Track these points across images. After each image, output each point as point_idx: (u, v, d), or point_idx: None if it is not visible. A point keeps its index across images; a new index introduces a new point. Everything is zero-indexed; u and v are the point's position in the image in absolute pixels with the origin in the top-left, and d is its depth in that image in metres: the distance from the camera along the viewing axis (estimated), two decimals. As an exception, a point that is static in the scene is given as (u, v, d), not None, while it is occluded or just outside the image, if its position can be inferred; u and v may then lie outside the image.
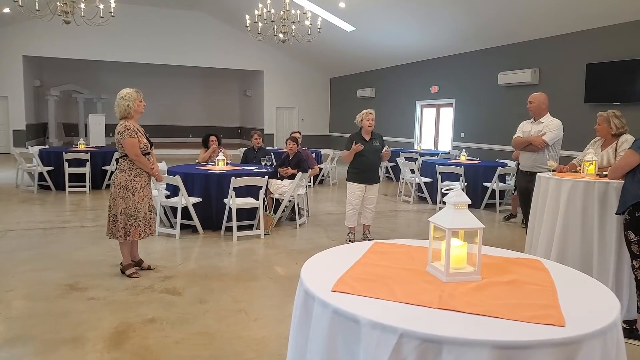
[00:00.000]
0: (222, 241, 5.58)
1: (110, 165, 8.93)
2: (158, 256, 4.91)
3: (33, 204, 7.63)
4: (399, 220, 7.24)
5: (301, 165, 6.53)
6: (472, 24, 10.34)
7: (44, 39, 15.37)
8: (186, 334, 3.18)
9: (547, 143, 4.60)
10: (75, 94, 19.45)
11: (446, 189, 1.67)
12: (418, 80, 13.80)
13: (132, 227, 4.14)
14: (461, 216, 1.60)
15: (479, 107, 11.57)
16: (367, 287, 1.54)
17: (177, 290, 3.99)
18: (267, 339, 3.17)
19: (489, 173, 7.93)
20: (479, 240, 1.63)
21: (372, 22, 12.20)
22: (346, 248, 2.04)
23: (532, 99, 4.80)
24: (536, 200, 4.15)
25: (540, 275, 1.74)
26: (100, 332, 3.16)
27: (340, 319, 1.38)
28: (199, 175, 5.97)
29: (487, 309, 1.42)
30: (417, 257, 1.87)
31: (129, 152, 4.10)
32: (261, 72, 18.52)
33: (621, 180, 3.41)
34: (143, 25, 16.39)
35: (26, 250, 5.05)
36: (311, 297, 1.50)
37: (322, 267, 1.78)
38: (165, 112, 20.82)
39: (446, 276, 1.62)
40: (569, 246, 3.79)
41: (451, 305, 1.44)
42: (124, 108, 4.14)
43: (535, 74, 9.72)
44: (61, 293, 3.85)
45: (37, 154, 8.65)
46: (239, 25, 16.00)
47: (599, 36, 8.49)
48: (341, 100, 18.64)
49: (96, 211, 7.13)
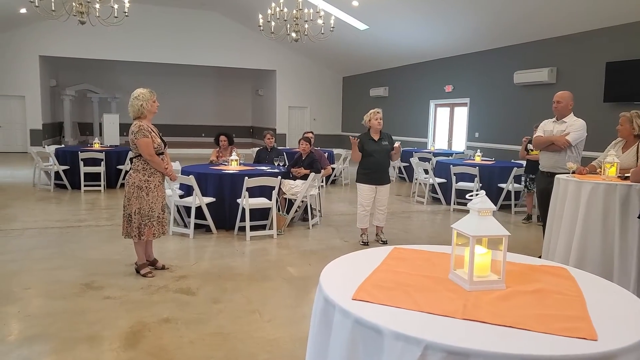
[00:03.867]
0: (236, 241, 5.57)
1: (125, 165, 9.00)
2: (172, 256, 4.92)
3: (50, 203, 7.71)
4: (412, 221, 7.17)
5: (314, 166, 6.50)
6: (487, 22, 10.21)
7: (60, 39, 15.55)
8: (200, 334, 3.18)
9: (571, 143, 4.45)
10: (90, 93, 19.68)
11: (469, 195, 1.62)
12: (432, 79, 13.68)
13: (146, 227, 4.16)
14: (486, 223, 1.55)
15: (494, 107, 11.43)
16: (389, 295, 1.50)
17: (191, 290, 3.99)
18: (281, 340, 3.15)
19: (505, 174, 7.82)
20: (503, 248, 1.58)
21: (386, 20, 12.12)
22: (365, 253, 2.00)
23: (560, 98, 4.62)
24: (555, 203, 4.07)
25: (566, 284, 1.69)
26: (116, 331, 3.17)
27: (361, 329, 1.34)
28: (213, 175, 5.97)
29: (514, 320, 1.37)
30: (438, 263, 1.83)
31: (143, 152, 4.11)
32: (273, 71, 18.52)
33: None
34: (156, 25, 16.50)
35: (43, 248, 5.11)
36: (331, 305, 1.47)
37: (341, 273, 1.75)
38: (178, 111, 20.93)
39: (469, 285, 1.58)
40: (589, 250, 3.71)
41: (476, 316, 1.39)
42: (137, 108, 4.15)
43: (552, 73, 9.57)
44: (77, 292, 3.87)
45: (53, 153, 8.74)
46: (251, 25, 16.03)
47: (618, 34, 8.32)
48: (354, 99, 18.55)
49: (111, 210, 7.18)
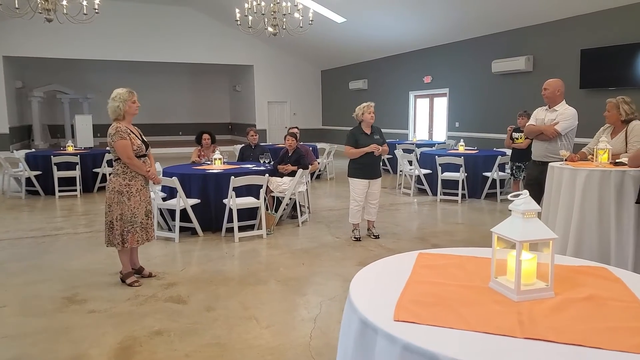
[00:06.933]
0: (224, 243, 5.40)
1: (102, 168, 8.69)
2: (158, 262, 4.72)
3: (22, 211, 7.36)
4: (401, 213, 7.11)
5: (301, 162, 6.35)
6: (464, 12, 10.19)
7: (25, 39, 14.94)
8: (196, 346, 3.02)
9: (560, 133, 4.41)
10: (59, 94, 19.04)
11: (512, 195, 1.50)
12: (410, 70, 13.64)
13: (130, 233, 3.96)
14: (531, 226, 1.44)
15: (473, 96, 11.46)
16: (434, 313, 1.36)
17: (182, 298, 3.82)
18: (283, 348, 3.02)
19: (489, 162, 7.83)
20: (551, 251, 1.46)
21: (363, 12, 12.00)
22: (388, 262, 1.86)
23: (547, 85, 4.59)
24: (549, 191, 4.03)
25: (617, 288, 1.58)
26: (104, 349, 2.98)
27: (413, 356, 1.20)
28: (197, 175, 5.77)
29: (581, 337, 1.24)
30: (472, 270, 1.70)
31: (121, 155, 3.92)
32: (250, 66, 18.23)
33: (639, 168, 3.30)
34: (128, 22, 16.02)
35: (18, 261, 4.81)
36: (371, 329, 1.32)
37: (371, 288, 1.60)
38: (154, 110, 20.44)
39: (517, 294, 1.45)
40: (586, 237, 3.69)
41: (537, 334, 1.26)
42: (114, 109, 3.97)
43: (529, 61, 9.63)
44: (59, 307, 3.65)
45: (23, 158, 8.35)
46: (226, 20, 15.72)
47: (592, 21, 8.40)
48: (333, 93, 18.41)
49: (89, 216, 6.90)
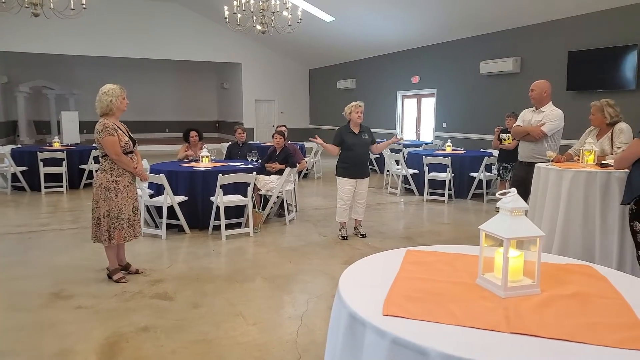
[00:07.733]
0: (210, 240, 5.39)
1: (88, 164, 8.60)
2: (145, 259, 4.70)
3: (7, 207, 7.26)
4: (388, 213, 7.15)
5: (289, 160, 6.36)
6: (453, 13, 10.28)
7: (11, 33, 14.70)
8: (182, 343, 3.01)
9: (546, 134, 4.48)
10: (45, 89, 18.77)
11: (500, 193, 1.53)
12: (398, 70, 13.71)
13: (116, 230, 3.94)
14: (519, 224, 1.47)
15: (460, 97, 11.56)
16: (423, 308, 1.39)
17: (169, 294, 3.80)
18: (269, 345, 3.03)
19: (476, 163, 7.91)
20: (538, 249, 1.49)
21: (352, 11, 12.03)
22: (377, 258, 1.88)
23: (534, 86, 4.65)
24: (536, 192, 4.09)
25: (602, 285, 1.61)
26: (90, 344, 2.96)
27: (402, 350, 1.21)
28: (184, 172, 5.75)
29: (567, 332, 1.26)
30: (460, 267, 1.73)
31: (109, 152, 3.89)
32: (238, 64, 18.15)
33: (625, 170, 3.36)
34: (115, 18, 15.84)
35: (3, 256, 4.76)
36: (360, 323, 1.33)
37: (360, 284, 1.62)
38: (141, 107, 20.23)
39: (504, 291, 1.48)
40: (571, 237, 3.76)
41: (523, 328, 1.29)
42: (106, 104, 3.91)
43: (517, 62, 9.73)
44: (45, 302, 3.62)
45: (9, 154, 8.24)
46: (214, 17, 15.65)
47: (580, 24, 8.52)
48: (321, 92, 18.41)
49: (75, 212, 6.83)
